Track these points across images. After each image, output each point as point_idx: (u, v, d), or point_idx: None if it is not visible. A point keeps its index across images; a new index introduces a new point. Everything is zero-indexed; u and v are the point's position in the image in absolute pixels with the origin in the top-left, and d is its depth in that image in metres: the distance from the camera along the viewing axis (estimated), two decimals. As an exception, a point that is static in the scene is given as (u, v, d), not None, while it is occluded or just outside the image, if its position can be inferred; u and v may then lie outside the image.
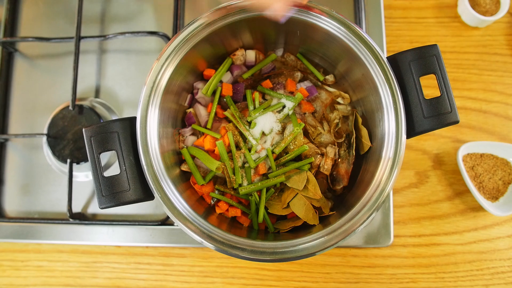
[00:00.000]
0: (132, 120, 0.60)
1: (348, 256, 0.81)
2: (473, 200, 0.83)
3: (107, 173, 0.81)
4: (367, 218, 0.57)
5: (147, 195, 0.59)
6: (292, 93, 0.70)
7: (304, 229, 0.63)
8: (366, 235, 0.79)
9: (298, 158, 0.67)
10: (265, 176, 0.67)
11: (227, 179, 0.66)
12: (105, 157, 0.83)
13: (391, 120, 0.59)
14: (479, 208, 0.83)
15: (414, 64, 0.60)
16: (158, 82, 0.60)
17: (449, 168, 0.84)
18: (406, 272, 0.81)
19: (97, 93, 0.86)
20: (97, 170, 0.58)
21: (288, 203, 0.64)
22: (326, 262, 0.81)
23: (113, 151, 0.59)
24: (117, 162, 0.82)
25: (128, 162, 0.59)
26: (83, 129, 0.58)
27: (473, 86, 0.86)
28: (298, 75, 0.72)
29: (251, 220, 0.67)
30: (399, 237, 0.82)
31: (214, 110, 0.69)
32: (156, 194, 0.58)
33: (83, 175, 0.83)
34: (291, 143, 0.66)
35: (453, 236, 0.82)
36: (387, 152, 0.59)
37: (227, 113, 0.68)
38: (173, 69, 0.61)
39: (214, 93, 0.70)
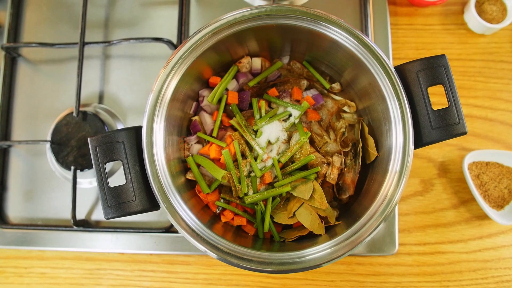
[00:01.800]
0: (138, 129, 0.60)
1: (353, 264, 0.81)
2: (478, 208, 0.82)
3: (111, 180, 0.81)
4: (374, 229, 0.57)
5: (152, 205, 0.59)
6: (298, 101, 0.70)
7: (310, 238, 0.63)
8: (371, 243, 0.79)
9: (304, 167, 0.67)
10: (271, 185, 0.66)
11: (232, 188, 0.65)
12: (109, 163, 0.82)
13: (398, 131, 0.59)
14: (484, 217, 0.82)
15: (422, 74, 0.59)
16: (164, 91, 0.60)
17: (454, 176, 0.83)
18: (411, 280, 0.80)
19: (101, 99, 0.86)
20: (103, 180, 0.58)
21: (294, 213, 0.64)
22: (331, 270, 0.81)
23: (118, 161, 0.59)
24: (121, 169, 0.81)
25: (133, 172, 0.58)
26: (89, 139, 0.58)
27: (479, 93, 0.86)
28: (304, 83, 0.72)
29: (256, 229, 0.67)
30: (404, 245, 0.81)
31: (219, 118, 0.68)
32: (162, 205, 0.57)
33: (87, 181, 0.83)
34: (297, 152, 0.66)
35: (458, 245, 0.81)
36: (394, 163, 0.58)
37: (233, 122, 0.67)
38: (179, 77, 0.60)
39: (219, 101, 0.69)
